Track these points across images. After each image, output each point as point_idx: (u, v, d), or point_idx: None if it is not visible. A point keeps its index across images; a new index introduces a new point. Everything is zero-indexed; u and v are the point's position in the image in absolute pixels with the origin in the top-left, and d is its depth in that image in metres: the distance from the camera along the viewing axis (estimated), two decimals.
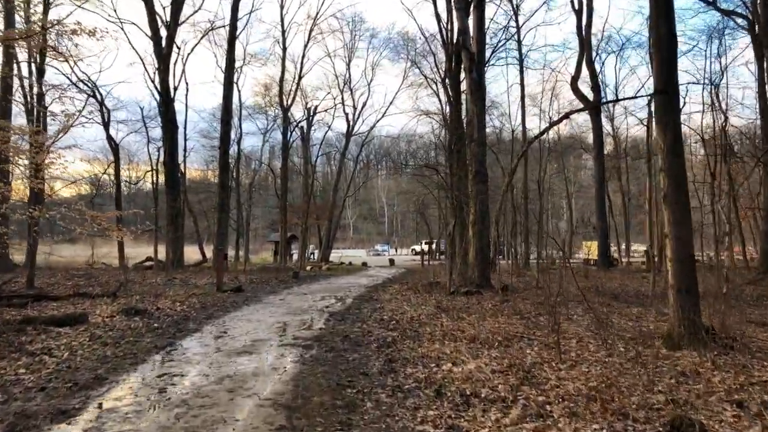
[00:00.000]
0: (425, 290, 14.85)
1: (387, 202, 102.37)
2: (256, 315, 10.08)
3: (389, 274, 24.63)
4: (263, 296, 13.90)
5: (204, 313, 10.17)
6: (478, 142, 15.27)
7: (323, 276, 23.19)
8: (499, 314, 10.21)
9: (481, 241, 15.18)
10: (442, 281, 17.07)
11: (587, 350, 7.09)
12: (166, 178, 23.12)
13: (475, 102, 15.33)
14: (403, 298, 13.22)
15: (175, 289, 14.47)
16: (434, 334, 7.97)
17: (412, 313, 10.16)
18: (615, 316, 10.51)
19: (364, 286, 17.70)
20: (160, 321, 9.00)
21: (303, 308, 11.20)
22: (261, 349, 6.88)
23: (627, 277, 23.48)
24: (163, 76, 22.57)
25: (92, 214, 11.10)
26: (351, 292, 15.08)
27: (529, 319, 9.84)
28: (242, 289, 15.10)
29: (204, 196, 46.27)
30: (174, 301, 11.58)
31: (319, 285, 17.97)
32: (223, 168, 23.53)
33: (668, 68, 7.33)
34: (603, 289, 18.39)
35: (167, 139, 22.72)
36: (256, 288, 16.55)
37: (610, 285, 19.71)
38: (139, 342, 7.28)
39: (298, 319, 9.60)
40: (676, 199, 7.15)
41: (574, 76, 27.12)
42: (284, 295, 14.38)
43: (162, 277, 19.22)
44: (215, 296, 13.26)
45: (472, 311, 10.56)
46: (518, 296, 13.76)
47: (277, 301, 12.60)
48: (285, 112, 33.20)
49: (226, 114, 23.81)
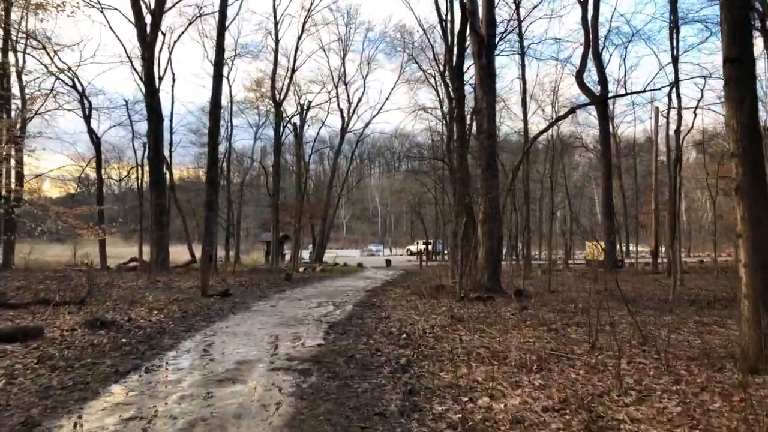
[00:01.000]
0: (431, 295, 13.56)
1: (380, 201, 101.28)
2: (243, 326, 8.75)
3: (387, 276, 23.34)
4: (252, 302, 12.56)
5: (184, 325, 8.81)
6: (489, 133, 14.01)
7: (317, 278, 21.86)
8: (522, 325, 8.93)
9: (492, 241, 13.92)
10: (447, 285, 15.80)
11: (646, 374, 5.82)
12: (151, 173, 21.68)
13: (484, 89, 14.06)
14: (409, 304, 11.91)
15: (156, 294, 13.09)
16: (456, 353, 6.68)
17: (423, 324, 8.86)
18: (651, 326, 9.27)
19: (363, 289, 16.39)
20: (130, 335, 7.64)
21: (297, 317, 9.87)
22: (247, 375, 5.55)
23: (637, 280, 22.33)
24: (148, 65, 21.13)
25: (58, 210, 9.73)
26: (350, 297, 13.77)
27: (558, 331, 8.58)
28: (230, 294, 13.75)
29: (194, 194, 44.86)
30: (151, 309, 10.21)
31: (313, 289, 16.64)
32: (212, 163, 22.05)
33: (741, 32, 6.07)
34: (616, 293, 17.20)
35: (152, 132, 21.27)
36: (245, 292, 15.19)
37: (622, 288, 18.54)
38: (98, 365, 5.92)
39: (292, 332, 8.28)
40: (752, 192, 5.90)
41: (579, 70, 25.94)
42: (276, 300, 13.04)
43: (144, 279, 17.82)
44: (199, 302, 11.90)
45: (490, 321, 9.28)
46: (534, 302, 12.51)
47: (268, 309, 11.26)
48: (277, 107, 31.80)
49: (215, 107, 22.34)
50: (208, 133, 22.42)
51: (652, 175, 32.59)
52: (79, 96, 23.66)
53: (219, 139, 23.68)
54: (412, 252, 56.33)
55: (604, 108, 26.13)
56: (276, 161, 31.65)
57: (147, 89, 21.06)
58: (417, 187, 50.75)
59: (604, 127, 26.17)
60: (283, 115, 32.20)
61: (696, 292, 17.07)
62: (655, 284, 20.93)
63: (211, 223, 21.59)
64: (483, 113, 13.97)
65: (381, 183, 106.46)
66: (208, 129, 22.39)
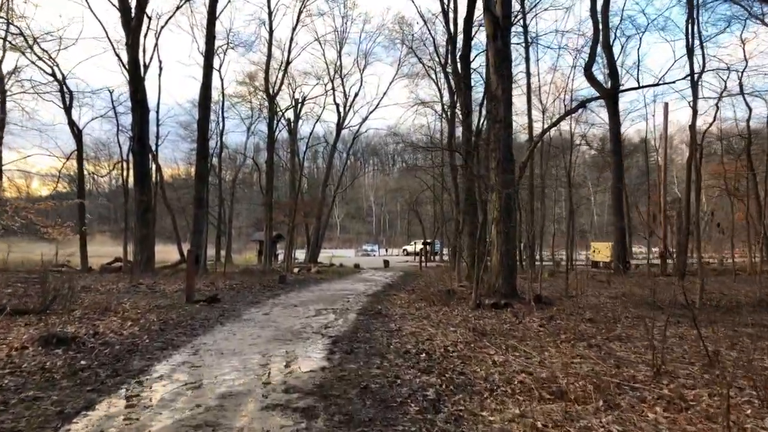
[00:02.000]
0: (441, 301, 12.28)
1: (375, 200, 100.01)
2: (231, 341, 7.42)
3: (387, 278, 22.04)
4: (243, 309, 11.22)
5: (161, 340, 7.47)
6: (505, 122, 12.74)
7: (313, 280, 20.53)
8: (557, 340, 7.66)
9: (507, 242, 12.65)
10: (456, 289, 14.54)
11: (740, 411, 4.58)
12: (135, 167, 20.27)
13: (500, 75, 12.78)
14: (419, 312, 10.62)
15: (135, 300, 11.73)
16: (493, 381, 5.40)
17: (442, 339, 7.57)
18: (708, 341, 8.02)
19: (364, 293, 15.09)
20: (92, 356, 6.30)
21: (294, 329, 8.56)
22: (233, 418, 4.24)
23: (651, 283, 21.10)
24: (132, 51, 19.73)
25: (17, 205, 8.37)
26: (351, 304, 12.46)
27: (600, 347, 7.31)
28: (218, 299, 12.40)
29: (184, 191, 43.45)
30: (125, 319, 8.85)
31: (310, 293, 15.32)
32: (201, 157, 20.73)
33: None
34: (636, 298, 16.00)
35: (136, 123, 19.86)
36: (236, 296, 13.85)
37: (640, 293, 17.34)
38: (39, 402, 4.58)
39: (289, 349, 6.96)
40: None
41: (587, 63, 24.75)
42: (269, 307, 11.71)
43: (126, 281, 16.44)
44: (183, 310, 10.55)
45: (519, 336, 8.00)
46: (557, 310, 11.26)
47: (261, 318, 9.93)
48: (271, 100, 30.41)
49: (205, 97, 21.03)
50: (198, 125, 21.10)
51: (661, 173, 31.47)
52: (59, 85, 22.21)
53: (209, 132, 22.34)
54: (408, 252, 55.09)
55: (614, 102, 24.95)
56: (269, 157, 30.28)
57: (131, 76, 19.65)
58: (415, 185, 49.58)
59: (615, 122, 24.98)
60: (276, 109, 30.81)
61: (718, 296, 15.95)
62: (671, 288, 19.76)
63: (200, 221, 20.26)
64: (498, 100, 12.70)
65: (376, 182, 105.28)
66: (198, 120, 21.08)
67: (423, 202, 46.97)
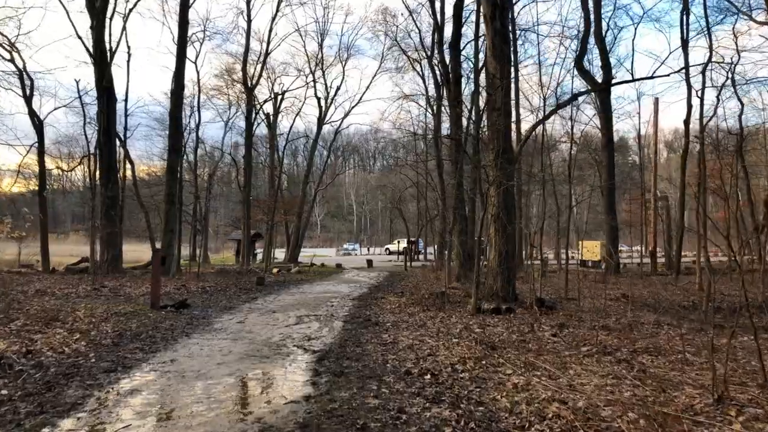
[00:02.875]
0: (435, 306, 11.19)
1: (356, 199, 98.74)
2: (196, 359, 6.22)
3: (372, 279, 20.90)
4: (216, 316, 9.99)
5: (111, 357, 6.23)
6: (504, 110, 11.69)
7: (294, 282, 19.30)
8: (578, 353, 6.62)
9: (507, 241, 11.61)
10: (449, 291, 13.46)
11: None
12: (101, 159, 18.78)
13: (499, 59, 11.73)
14: (414, 320, 9.50)
15: (93, 306, 10.41)
16: (521, 414, 4.30)
17: (446, 354, 6.47)
18: (740, 351, 7.05)
19: (349, 297, 13.94)
20: (18, 382, 5.04)
21: (273, 342, 7.38)
22: None
23: (647, 283, 20.34)
24: (97, 34, 18.26)
25: None
26: (336, 309, 11.30)
27: (630, 362, 6.28)
28: (188, 304, 11.15)
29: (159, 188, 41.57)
30: (73, 331, 7.56)
31: (290, 296, 14.11)
32: (173, 150, 19.33)
33: None
34: (637, 299, 15.12)
35: (102, 113, 18.40)
36: (209, 300, 12.61)
37: (640, 293, 16.49)
38: None
39: (266, 370, 5.80)
40: None
41: (578, 55, 23.89)
42: (245, 313, 10.50)
43: (88, 283, 15.06)
44: (146, 318, 9.29)
45: (533, 348, 6.94)
46: (563, 315, 10.25)
47: (234, 326, 8.72)
48: (249, 93, 29.08)
49: (177, 87, 19.61)
50: (169, 116, 19.69)
51: (652, 169, 30.87)
52: (18, 73, 20.60)
53: (184, 126, 20.93)
54: (391, 251, 53.97)
55: (607, 95, 24.13)
56: (247, 152, 28.92)
57: (95, 61, 18.17)
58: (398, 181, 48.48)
59: (607, 116, 24.16)
60: (255, 102, 29.47)
61: (718, 297, 15.15)
62: (668, 288, 18.99)
63: (171, 218, 18.91)
64: (497, 86, 11.64)
65: (357, 180, 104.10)
66: (169, 111, 19.64)
67: (406, 199, 45.93)
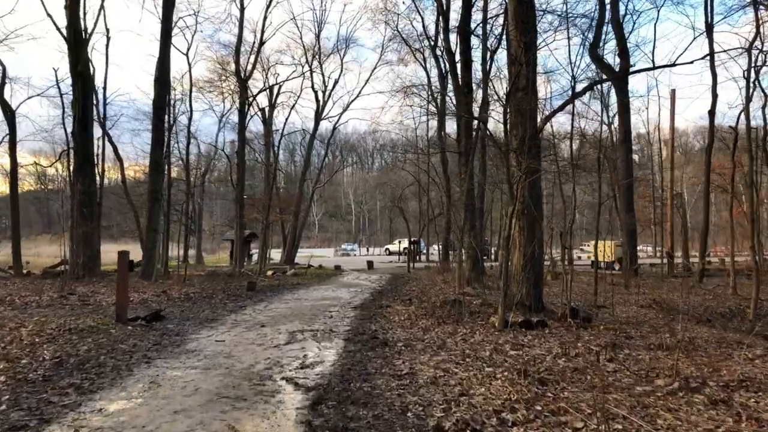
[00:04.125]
0: (450, 316, 9.57)
1: (354, 199, 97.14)
2: (147, 405, 4.57)
3: (374, 283, 19.27)
4: (192, 332, 8.35)
5: (29, 404, 4.57)
6: (531, 90, 10.09)
7: (289, 286, 17.65)
8: (657, 390, 5.01)
9: (533, 240, 10.01)
10: (463, 299, 11.84)
11: None
12: (77, 152, 17.10)
13: (522, 30, 10.14)
14: (430, 337, 7.85)
15: (47, 319, 8.78)
16: None
17: (484, 394, 4.84)
18: None
19: (350, 305, 12.30)
20: None
21: (255, 372, 5.74)
22: None
23: (671, 286, 18.74)
24: (71, 14, 16.61)
25: None
26: (335, 321, 9.67)
27: (729, 404, 4.68)
28: (162, 316, 9.52)
29: None
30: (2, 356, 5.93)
31: (284, 304, 12.47)
32: (157, 142, 17.64)
33: None
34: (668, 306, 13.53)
35: (77, 101, 16.74)
36: (189, 310, 10.97)
37: (666, 298, 14.90)
38: None
39: (240, 424, 4.16)
40: None
41: (593, 41, 22.29)
42: (228, 326, 8.86)
43: (57, 289, 13.42)
44: (105, 336, 7.65)
45: (588, 378, 5.34)
46: (603, 327, 8.66)
47: (211, 347, 7.07)
48: (242, 84, 27.40)
49: (161, 73, 17.95)
50: (153, 106, 18.00)
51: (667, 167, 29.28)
52: None
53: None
54: (391, 252, 52.31)
55: (624, 85, 22.53)
56: (240, 147, 27.24)
57: (70, 43, 16.49)
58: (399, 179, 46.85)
59: (625, 107, 22.56)
60: (249, 93, 27.82)
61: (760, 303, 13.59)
62: (697, 292, 17.41)
63: (155, 217, 17.26)
64: (522, 62, 10.02)
65: (355, 180, 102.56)
66: (153, 100, 17.97)
67: (407, 197, 44.34)
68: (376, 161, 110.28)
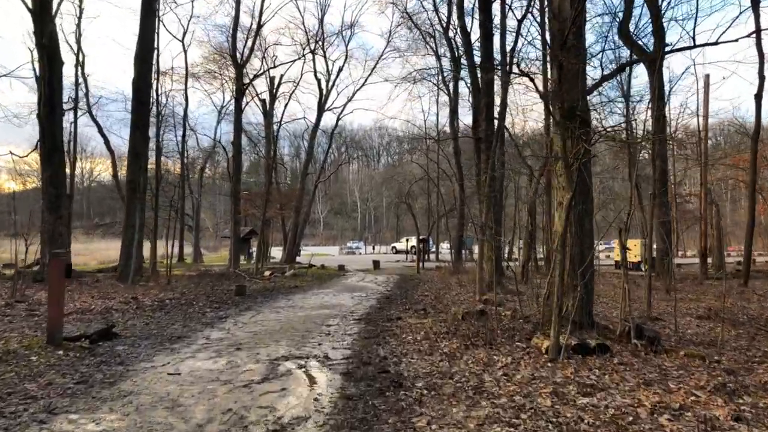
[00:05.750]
0: (478, 334, 7.49)
1: (360, 196, 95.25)
2: None
3: (380, 285, 17.22)
4: (144, 358, 6.32)
5: None
6: (577, 55, 7.99)
7: (285, 289, 15.62)
8: None
9: (583, 240, 7.92)
10: (487, 308, 9.78)
11: None
12: (43, 136, 15.04)
13: None
14: (459, 371, 5.74)
15: None
16: None
17: None
18: None
19: (353, 315, 10.24)
20: None
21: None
22: None
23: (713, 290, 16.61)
24: None
25: None
26: (333, 340, 7.59)
27: None
28: (114, 334, 7.50)
29: None
30: None
31: (274, 314, 10.41)
32: (136, 127, 15.56)
33: None
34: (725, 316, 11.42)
35: (42, 79, 14.76)
36: (157, 323, 8.96)
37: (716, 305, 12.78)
38: None
39: None
40: None
41: (623, 19, 20.08)
42: (193, 350, 6.80)
43: (6, 296, 11.45)
44: (20, 366, 5.65)
45: None
46: (684, 354, 6.56)
47: (153, 390, 5.02)
48: (239, 69, 25.39)
49: (143, 48, 15.97)
50: (132, 85, 15.99)
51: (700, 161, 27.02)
52: None
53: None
54: (398, 250, 50.23)
55: (659, 66, 20.29)
56: (236, 136, 25.20)
57: (34, 11, 14.46)
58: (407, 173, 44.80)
59: (658, 92, 20.33)
60: (245, 78, 25.79)
61: None
62: (748, 297, 15.26)
63: (133, 211, 15.26)
64: (566, 18, 7.92)
65: (360, 177, 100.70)
66: (133, 79, 15.96)
67: (415, 193, 42.25)
68: (383, 158, 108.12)
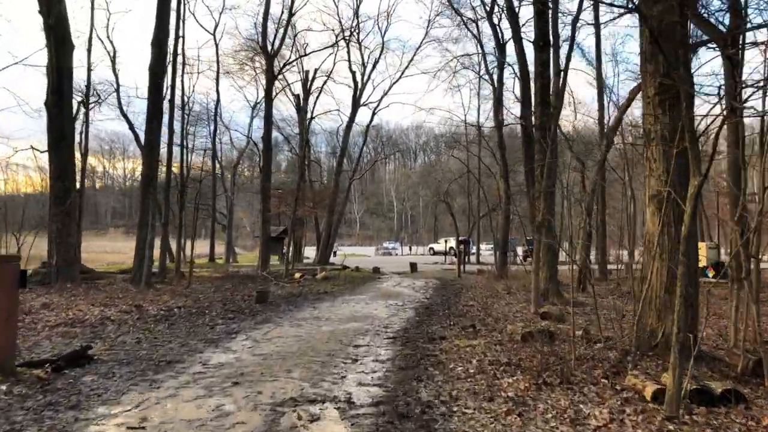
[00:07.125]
0: (549, 368, 5.68)
1: (396, 196, 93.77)
2: None
3: (419, 292, 15.47)
4: (109, 397, 4.76)
5: None
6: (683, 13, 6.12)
7: (313, 295, 14.06)
8: None
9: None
10: (552, 326, 7.95)
11: None
12: (50, 127, 13.86)
13: None
14: (537, 428, 4.01)
15: None
16: None
17: None
18: None
19: (387, 332, 8.52)
20: None
21: None
22: None
23: None
24: None
25: None
26: (359, 372, 5.87)
27: None
28: (86, 358, 6.01)
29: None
30: None
31: (294, 329, 8.79)
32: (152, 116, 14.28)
33: None
34: None
35: (50, 64, 13.60)
36: (148, 340, 7.47)
37: None
38: None
39: None
40: None
41: None
42: (180, 383, 5.22)
43: None
44: None
45: None
46: None
47: None
48: (269, 60, 24.05)
49: (160, 31, 14.71)
50: (149, 71, 14.73)
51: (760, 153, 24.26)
52: None
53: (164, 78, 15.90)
54: (435, 251, 48.26)
55: (734, 47, 17.92)
56: (266, 131, 23.87)
57: None
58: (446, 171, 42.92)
59: (733, 79, 17.95)
60: (275, 69, 24.43)
61: None
62: None
63: (146, 210, 13.95)
64: None
65: (397, 177, 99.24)
66: (149, 65, 14.69)
67: (454, 191, 40.27)
68: (419, 158, 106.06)
